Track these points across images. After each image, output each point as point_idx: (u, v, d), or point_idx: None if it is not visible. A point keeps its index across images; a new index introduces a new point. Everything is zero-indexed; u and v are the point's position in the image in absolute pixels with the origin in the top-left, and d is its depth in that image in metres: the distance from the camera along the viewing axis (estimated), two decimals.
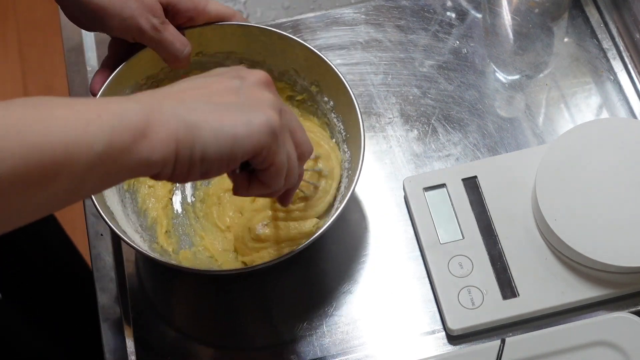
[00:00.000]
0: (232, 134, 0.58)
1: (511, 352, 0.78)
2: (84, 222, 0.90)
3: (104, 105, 0.55)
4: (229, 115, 0.59)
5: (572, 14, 0.98)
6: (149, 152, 0.55)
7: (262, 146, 0.60)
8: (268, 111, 0.61)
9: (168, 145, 0.56)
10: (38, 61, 2.06)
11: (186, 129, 0.56)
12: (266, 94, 0.63)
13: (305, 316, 0.84)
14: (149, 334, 0.84)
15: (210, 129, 0.57)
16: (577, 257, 0.80)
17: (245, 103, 0.61)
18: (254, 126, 0.59)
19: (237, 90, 0.62)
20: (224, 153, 0.58)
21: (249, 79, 0.63)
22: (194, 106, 0.58)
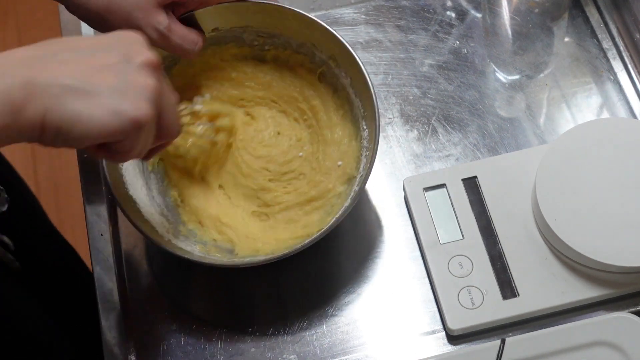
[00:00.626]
0: (97, 123, 0.60)
1: (511, 352, 0.78)
2: (84, 222, 0.90)
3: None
4: (100, 100, 0.60)
5: (572, 14, 0.98)
6: (16, 133, 0.59)
7: (122, 136, 0.62)
8: (140, 103, 0.62)
9: (34, 127, 0.59)
10: None
11: (54, 111, 0.59)
12: (148, 80, 0.63)
13: (305, 316, 0.84)
14: (149, 334, 0.84)
15: (77, 114, 0.60)
16: (577, 257, 0.80)
17: (121, 88, 0.62)
18: (120, 117, 0.61)
19: (119, 72, 0.62)
20: (85, 137, 0.61)
21: (136, 59, 0.63)
22: (69, 84, 0.60)
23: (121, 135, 0.62)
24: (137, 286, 0.87)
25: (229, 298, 0.86)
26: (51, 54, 0.61)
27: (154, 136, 0.66)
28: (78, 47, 0.63)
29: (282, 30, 0.88)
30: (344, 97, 0.87)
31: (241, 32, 0.89)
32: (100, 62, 0.62)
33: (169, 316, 0.86)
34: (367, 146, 0.84)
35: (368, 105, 0.83)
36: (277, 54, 0.90)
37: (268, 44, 0.89)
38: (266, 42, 0.89)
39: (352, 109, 0.86)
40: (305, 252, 0.78)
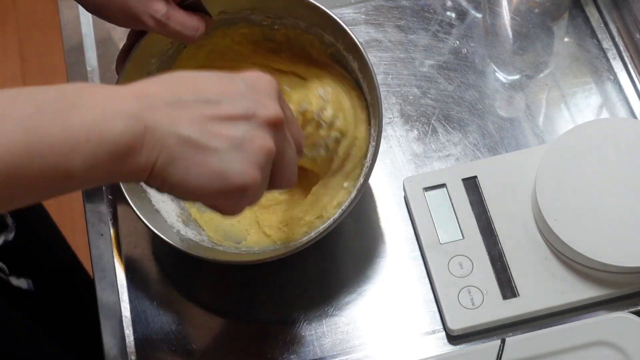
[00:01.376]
0: (201, 183, 0.59)
1: (511, 352, 0.78)
2: (84, 222, 0.90)
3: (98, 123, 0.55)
4: (211, 159, 0.59)
5: (572, 14, 0.98)
6: (123, 174, 0.57)
7: (225, 199, 0.61)
8: (249, 168, 0.60)
9: (142, 171, 0.58)
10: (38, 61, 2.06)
11: (163, 162, 0.58)
12: (265, 141, 0.61)
13: (305, 316, 0.84)
14: (150, 334, 0.85)
15: (185, 171, 0.59)
16: (577, 257, 0.80)
17: (236, 148, 0.60)
18: (224, 182, 0.60)
19: (239, 129, 0.60)
20: (189, 194, 0.60)
21: (261, 115, 0.61)
22: (187, 136, 0.58)
23: (225, 199, 0.61)
24: (138, 287, 0.87)
25: (229, 298, 0.86)
26: (174, 96, 0.59)
27: (265, 189, 0.65)
28: (203, 91, 0.60)
29: (289, 12, 0.87)
30: (353, 81, 0.87)
31: (249, 14, 0.88)
32: (223, 114, 0.60)
33: (169, 316, 0.85)
34: (372, 135, 0.84)
35: (372, 93, 0.82)
36: (287, 32, 0.89)
37: (277, 24, 0.89)
38: (275, 22, 0.89)
39: (362, 94, 0.86)
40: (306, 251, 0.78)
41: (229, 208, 0.63)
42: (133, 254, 0.88)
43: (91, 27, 1.01)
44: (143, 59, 0.85)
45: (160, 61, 0.87)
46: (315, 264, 0.87)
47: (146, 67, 0.86)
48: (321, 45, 0.88)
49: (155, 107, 0.58)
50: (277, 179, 0.65)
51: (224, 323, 0.85)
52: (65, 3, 1.03)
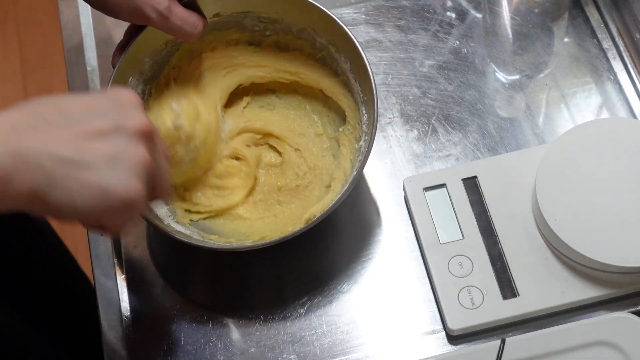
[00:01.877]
0: (86, 202, 0.59)
1: (511, 352, 0.78)
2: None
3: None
4: (90, 174, 0.59)
5: (572, 14, 0.98)
6: (4, 204, 0.57)
7: (112, 217, 0.61)
8: (130, 180, 0.60)
9: (21, 198, 0.57)
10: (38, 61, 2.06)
11: (42, 185, 0.57)
12: (139, 152, 0.62)
13: (305, 315, 0.84)
14: (150, 334, 0.85)
15: (66, 191, 0.58)
16: (577, 257, 0.80)
17: (112, 162, 0.60)
18: (109, 197, 0.60)
19: (111, 142, 0.60)
20: (73, 214, 0.60)
21: (129, 127, 0.62)
22: (60, 155, 0.58)
23: (111, 214, 0.61)
24: (137, 287, 0.87)
25: (229, 298, 0.86)
26: (42, 120, 0.59)
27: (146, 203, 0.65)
28: (70, 111, 0.61)
29: (283, 16, 0.88)
30: (343, 82, 0.88)
31: (242, 18, 0.89)
32: (92, 129, 0.60)
33: (169, 316, 0.85)
34: (366, 131, 0.84)
35: (367, 90, 0.83)
36: (277, 39, 0.90)
37: (269, 30, 0.90)
38: (267, 28, 0.90)
39: (352, 94, 0.87)
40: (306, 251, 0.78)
41: (116, 225, 0.63)
42: (133, 254, 0.88)
43: (91, 27, 1.01)
44: (137, 57, 0.86)
45: (153, 61, 0.87)
46: (315, 264, 0.87)
47: (139, 65, 0.86)
48: (312, 50, 0.89)
49: (22, 132, 0.57)
50: (156, 190, 0.66)
51: (223, 323, 0.85)
52: (65, 3, 1.03)
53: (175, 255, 0.88)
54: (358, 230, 0.88)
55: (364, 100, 0.85)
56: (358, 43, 0.83)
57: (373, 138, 0.80)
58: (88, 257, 0.89)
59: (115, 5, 0.78)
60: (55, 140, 0.58)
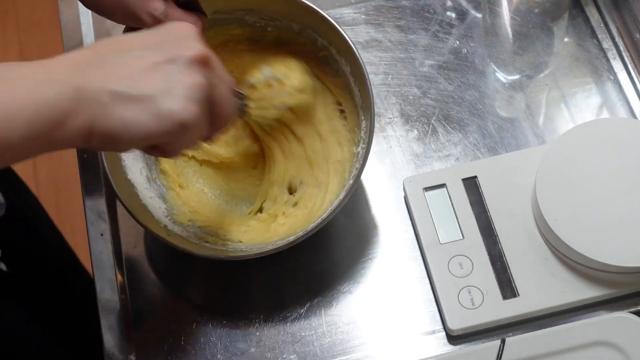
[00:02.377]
0: (143, 129, 0.61)
1: (511, 352, 0.78)
2: (84, 222, 0.90)
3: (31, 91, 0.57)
4: (146, 105, 0.61)
5: (572, 14, 0.98)
6: (64, 139, 0.59)
7: (169, 138, 0.63)
8: (185, 104, 0.62)
9: (82, 133, 0.59)
10: None
11: (102, 120, 0.59)
12: (194, 78, 0.63)
13: (305, 316, 0.84)
14: (149, 335, 0.85)
15: (124, 122, 0.60)
16: (577, 257, 0.80)
17: (167, 90, 0.62)
18: (165, 121, 0.61)
19: (166, 72, 0.62)
20: (133, 143, 0.62)
21: (184, 56, 0.63)
22: (117, 90, 0.60)
23: (168, 137, 0.63)
24: (137, 286, 0.87)
25: (229, 298, 0.86)
26: (100, 59, 0.61)
27: (206, 128, 0.66)
28: (127, 48, 0.63)
29: (283, 14, 0.88)
30: (344, 84, 0.88)
31: (243, 15, 0.89)
32: (148, 63, 0.62)
33: (169, 316, 0.86)
34: (363, 138, 0.84)
35: (365, 96, 0.83)
36: (279, 35, 0.90)
37: (270, 26, 0.90)
38: (268, 24, 0.90)
39: (352, 98, 0.87)
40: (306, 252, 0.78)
41: (171, 148, 0.65)
42: (132, 254, 0.88)
43: (91, 27, 1.01)
44: None
45: None
46: (314, 264, 0.87)
47: None
48: (313, 48, 0.89)
49: (84, 70, 0.60)
50: (215, 117, 0.67)
51: (223, 323, 0.85)
52: (65, 3, 1.03)
53: (175, 256, 0.88)
54: (358, 230, 0.88)
55: (363, 107, 0.84)
56: (356, 49, 0.83)
57: (370, 145, 0.80)
58: (88, 257, 0.89)
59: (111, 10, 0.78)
60: (113, 77, 0.60)
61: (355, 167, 0.83)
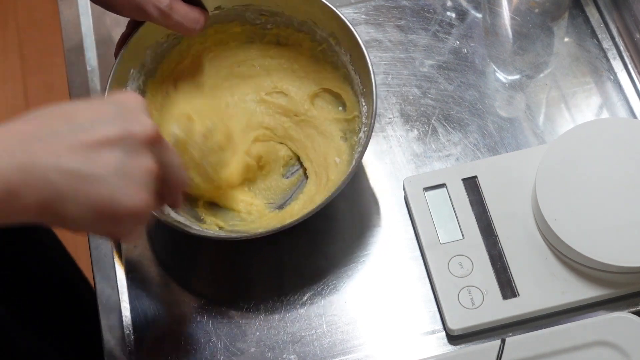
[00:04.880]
0: (96, 212, 0.60)
1: (511, 352, 0.78)
2: None
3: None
4: (98, 187, 0.59)
5: (572, 14, 0.98)
6: (11, 215, 0.57)
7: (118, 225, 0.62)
8: (138, 192, 0.61)
9: (30, 211, 0.57)
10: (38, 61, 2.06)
11: (51, 197, 0.57)
12: (147, 162, 0.62)
13: (305, 315, 0.84)
14: (150, 334, 0.85)
15: (75, 203, 0.58)
16: (577, 257, 0.80)
17: (120, 173, 0.60)
18: (117, 209, 0.60)
19: (119, 152, 0.60)
20: (82, 225, 0.61)
21: (136, 133, 0.62)
22: (68, 168, 0.58)
23: (117, 223, 0.61)
24: (137, 286, 0.87)
25: (229, 298, 0.86)
26: (50, 132, 0.59)
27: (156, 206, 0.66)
28: (76, 119, 0.60)
29: (283, 8, 0.89)
30: (343, 76, 0.88)
31: (244, 11, 0.90)
32: (99, 138, 0.60)
33: (169, 316, 0.86)
34: (365, 122, 0.84)
35: (366, 81, 0.83)
36: (278, 32, 0.91)
37: (270, 23, 0.91)
38: (268, 21, 0.90)
39: (352, 87, 0.87)
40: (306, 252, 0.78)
41: (120, 233, 0.63)
42: (133, 254, 0.88)
43: (91, 27, 1.01)
44: (138, 49, 0.86)
45: (155, 53, 0.88)
46: (315, 263, 0.87)
47: (141, 57, 0.87)
48: (312, 43, 0.90)
49: (30, 144, 0.57)
50: (168, 192, 0.66)
51: (223, 323, 0.85)
52: (65, 3, 1.03)
53: (175, 256, 0.88)
54: (358, 230, 0.88)
55: (364, 92, 0.85)
56: (357, 34, 0.84)
57: (372, 128, 0.81)
58: (88, 258, 0.89)
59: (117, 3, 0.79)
60: (62, 152, 0.58)
61: (357, 150, 0.83)
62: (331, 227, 0.88)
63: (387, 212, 0.89)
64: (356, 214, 0.89)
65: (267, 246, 0.84)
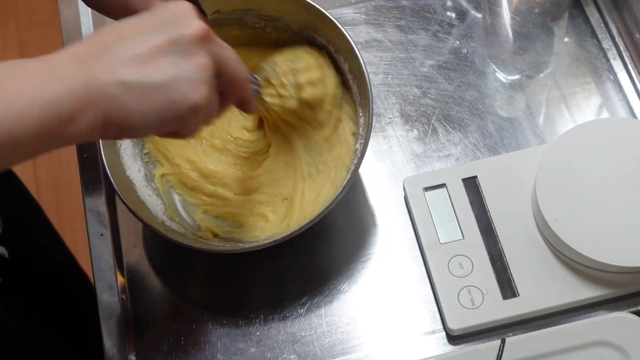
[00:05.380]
0: (157, 117, 0.62)
1: (511, 352, 0.78)
2: (84, 222, 0.90)
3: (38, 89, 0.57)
4: (157, 93, 0.61)
5: (572, 14, 0.98)
6: (77, 134, 0.59)
7: (183, 122, 0.64)
8: (195, 87, 0.63)
9: (95, 127, 0.59)
10: None
11: (114, 110, 0.60)
12: (200, 58, 0.63)
13: (305, 316, 0.84)
14: (150, 335, 0.85)
15: (138, 113, 0.61)
16: (577, 257, 0.80)
17: (176, 75, 0.62)
18: (177, 107, 0.62)
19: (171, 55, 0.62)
20: (147, 130, 0.63)
21: (186, 35, 0.63)
22: (126, 80, 0.60)
23: (183, 121, 0.63)
24: (137, 287, 0.87)
25: (229, 298, 0.86)
26: (102, 49, 0.61)
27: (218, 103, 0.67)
28: (127, 34, 0.62)
29: (282, 14, 0.89)
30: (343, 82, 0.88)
31: (243, 15, 0.90)
32: (152, 47, 0.62)
33: (170, 316, 0.86)
34: (361, 134, 0.84)
35: (363, 93, 0.83)
36: (277, 36, 0.91)
37: (270, 27, 0.90)
38: (267, 25, 0.90)
39: (350, 96, 0.87)
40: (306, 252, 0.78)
41: (187, 130, 0.66)
42: (133, 254, 0.88)
43: (91, 27, 1.01)
44: None
45: None
46: (315, 264, 0.87)
47: None
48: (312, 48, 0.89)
49: (88, 63, 0.59)
50: (230, 85, 0.67)
51: (223, 323, 0.85)
52: (65, 3, 1.03)
53: (175, 256, 0.88)
54: (358, 230, 0.88)
55: (361, 103, 0.85)
56: (355, 45, 0.83)
57: (367, 141, 0.80)
58: (88, 257, 0.89)
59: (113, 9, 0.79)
60: (118, 66, 0.60)
61: (353, 162, 0.83)
62: (331, 227, 0.88)
63: (387, 212, 0.89)
64: (356, 214, 0.89)
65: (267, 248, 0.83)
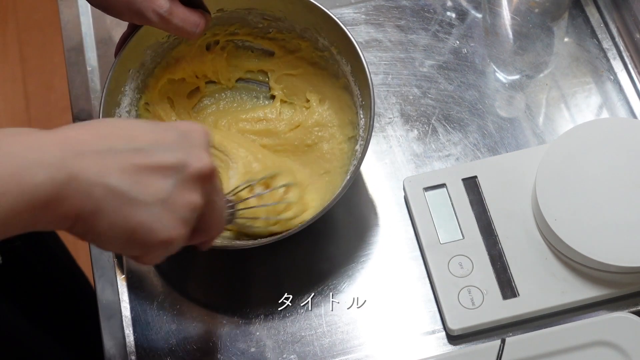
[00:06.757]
0: (129, 236, 0.58)
1: (511, 352, 0.78)
2: None
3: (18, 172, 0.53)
4: (137, 212, 0.58)
5: (572, 14, 0.98)
6: (46, 223, 0.56)
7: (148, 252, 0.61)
8: (175, 223, 0.59)
9: (66, 219, 0.56)
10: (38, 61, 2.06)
11: (88, 210, 0.56)
12: (193, 196, 0.60)
13: (305, 316, 0.84)
14: (150, 334, 0.85)
15: (111, 223, 0.57)
16: (577, 257, 0.80)
17: (163, 202, 0.59)
18: (152, 237, 0.59)
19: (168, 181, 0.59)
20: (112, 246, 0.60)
21: (190, 168, 0.60)
22: (115, 186, 0.57)
23: (147, 250, 0.60)
24: (137, 286, 0.87)
25: (229, 298, 0.86)
26: (107, 146, 0.57)
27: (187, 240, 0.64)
28: (137, 141, 0.59)
29: (286, 14, 0.88)
30: (343, 85, 0.88)
31: (246, 14, 0.89)
32: (155, 163, 0.58)
33: (169, 316, 0.85)
34: (362, 135, 0.84)
35: (365, 95, 0.83)
36: (281, 37, 0.91)
37: (272, 27, 0.90)
38: (271, 25, 0.90)
39: (352, 97, 0.87)
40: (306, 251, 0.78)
41: (147, 259, 0.62)
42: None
43: (91, 27, 1.01)
44: (139, 49, 0.86)
45: (155, 53, 0.88)
46: (315, 263, 0.87)
47: (141, 57, 0.87)
48: (314, 50, 0.89)
49: (83, 154, 0.56)
50: (205, 229, 0.65)
51: (223, 323, 0.85)
52: (65, 3, 1.03)
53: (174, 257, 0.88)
54: (358, 230, 0.88)
55: (362, 105, 0.85)
56: (359, 47, 0.83)
57: (368, 142, 0.80)
58: (88, 258, 0.89)
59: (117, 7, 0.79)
60: (114, 169, 0.57)
61: (353, 163, 0.83)
62: (331, 227, 0.88)
63: (387, 212, 0.89)
64: (356, 214, 0.89)
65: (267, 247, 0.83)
